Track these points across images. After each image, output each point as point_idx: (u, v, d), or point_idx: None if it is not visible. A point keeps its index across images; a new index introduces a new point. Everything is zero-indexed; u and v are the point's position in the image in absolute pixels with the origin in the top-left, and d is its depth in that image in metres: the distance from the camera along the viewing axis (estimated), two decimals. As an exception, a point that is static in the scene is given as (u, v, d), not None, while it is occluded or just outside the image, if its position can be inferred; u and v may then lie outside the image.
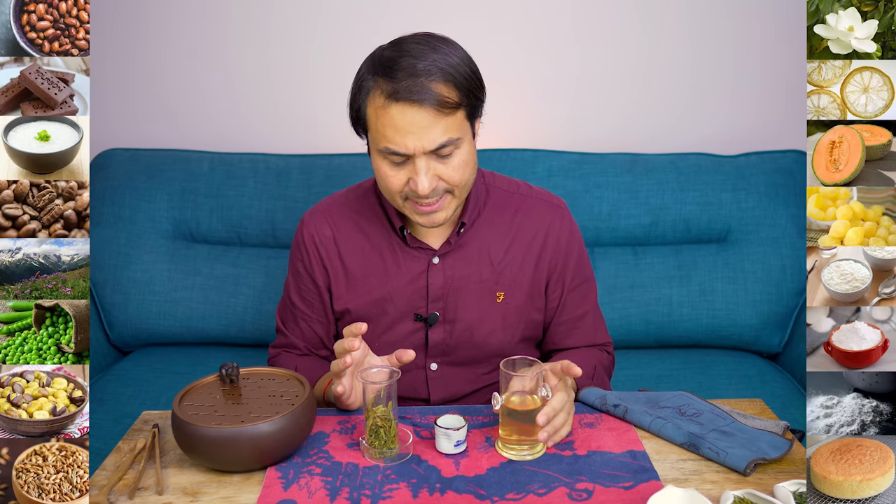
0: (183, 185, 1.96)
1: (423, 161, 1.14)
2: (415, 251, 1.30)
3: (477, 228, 1.31)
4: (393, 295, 1.30)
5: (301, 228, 1.34)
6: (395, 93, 1.10)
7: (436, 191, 1.17)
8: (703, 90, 2.08)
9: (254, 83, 2.09)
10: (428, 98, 1.10)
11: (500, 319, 1.32)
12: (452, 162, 1.15)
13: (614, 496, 0.99)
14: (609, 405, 1.18)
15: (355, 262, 1.32)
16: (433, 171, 1.15)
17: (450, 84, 1.12)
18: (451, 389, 1.35)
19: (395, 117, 1.11)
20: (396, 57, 1.12)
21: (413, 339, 1.32)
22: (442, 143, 1.12)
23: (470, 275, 1.30)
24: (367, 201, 1.33)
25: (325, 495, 1.00)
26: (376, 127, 1.14)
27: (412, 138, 1.11)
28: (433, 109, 1.10)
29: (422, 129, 1.11)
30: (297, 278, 1.36)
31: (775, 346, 1.92)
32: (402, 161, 1.15)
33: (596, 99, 2.09)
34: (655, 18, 2.04)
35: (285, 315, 1.39)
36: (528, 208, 1.33)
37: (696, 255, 1.92)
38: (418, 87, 1.10)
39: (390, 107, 1.11)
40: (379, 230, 1.31)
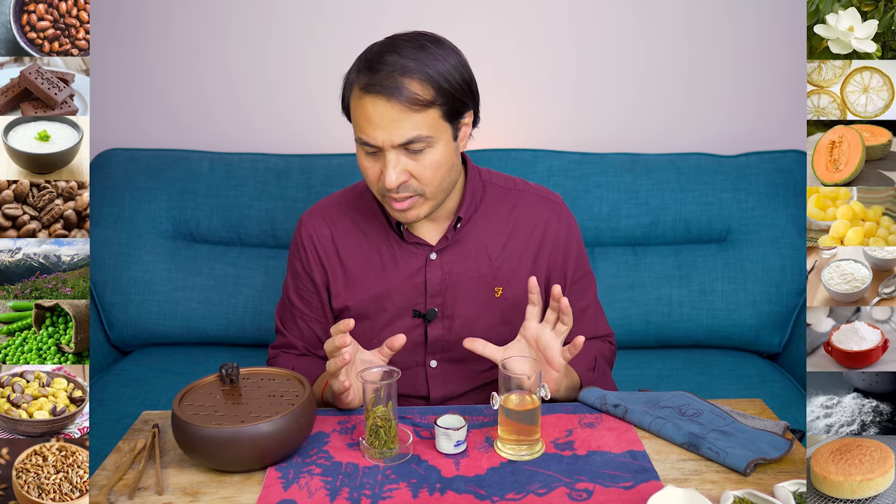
0: (183, 185, 1.96)
1: (393, 154, 1.16)
2: (412, 247, 1.30)
3: (474, 224, 1.32)
4: (391, 292, 1.30)
5: (299, 228, 1.35)
6: (370, 85, 1.14)
7: (406, 187, 1.18)
8: (703, 90, 2.08)
9: (254, 83, 2.09)
10: (398, 93, 1.13)
11: (499, 314, 1.32)
12: (424, 160, 1.17)
13: (614, 496, 0.99)
14: (609, 405, 1.18)
15: (353, 260, 1.32)
16: (402, 166, 1.17)
17: (426, 83, 1.14)
18: (452, 386, 1.35)
19: (367, 108, 1.14)
20: (382, 52, 1.15)
21: (412, 336, 1.32)
22: (410, 138, 1.14)
23: (468, 270, 1.31)
24: (364, 199, 1.34)
25: (325, 495, 1.00)
26: (354, 117, 1.18)
27: (381, 131, 1.14)
28: (402, 105, 1.13)
29: (391, 123, 1.14)
30: (295, 278, 1.36)
31: (775, 346, 1.92)
32: (375, 152, 1.17)
33: (596, 99, 2.09)
34: (655, 19, 2.04)
35: (284, 315, 1.39)
36: (525, 203, 1.34)
37: (696, 255, 1.92)
38: (391, 81, 1.13)
39: (364, 98, 1.15)
40: (376, 227, 1.32)
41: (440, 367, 1.34)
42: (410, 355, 1.33)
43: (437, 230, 1.31)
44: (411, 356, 1.33)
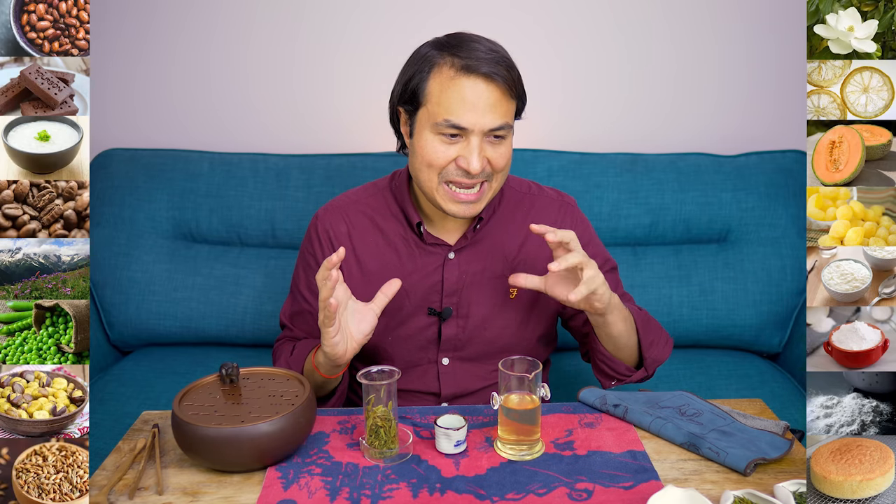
0: (183, 185, 1.95)
1: (478, 140, 1.17)
2: (430, 247, 1.32)
3: (492, 226, 1.33)
4: (408, 290, 1.31)
5: (315, 223, 1.36)
6: (468, 67, 1.14)
7: (483, 174, 1.19)
8: (702, 90, 2.08)
9: (254, 83, 2.09)
10: (501, 75, 1.14)
11: (514, 315, 1.33)
12: (500, 149, 1.19)
13: (614, 496, 0.99)
14: (609, 405, 1.18)
15: (371, 258, 1.33)
16: (484, 153, 1.18)
17: (512, 72, 1.17)
18: (462, 385, 1.35)
19: (466, 89, 1.14)
20: (464, 41, 1.17)
21: (426, 334, 1.33)
22: (501, 124, 1.16)
23: (484, 270, 1.32)
24: (382, 199, 1.35)
25: (325, 495, 1.00)
26: (439, 100, 1.16)
27: (476, 114, 1.14)
28: (504, 87, 1.15)
29: (487, 106, 1.15)
30: (307, 272, 1.36)
31: (775, 346, 1.92)
32: (456, 137, 1.17)
33: (596, 99, 2.09)
34: (656, 19, 2.04)
35: (293, 310, 1.38)
36: (540, 207, 1.37)
37: (696, 255, 1.92)
38: (492, 64, 1.14)
39: (461, 79, 1.15)
40: (394, 227, 1.33)
41: (452, 365, 1.35)
42: (423, 352, 1.34)
43: (456, 231, 1.32)
44: (424, 353, 1.34)
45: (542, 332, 1.37)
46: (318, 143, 2.10)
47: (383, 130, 2.12)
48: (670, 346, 1.34)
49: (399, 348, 1.32)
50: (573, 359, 1.90)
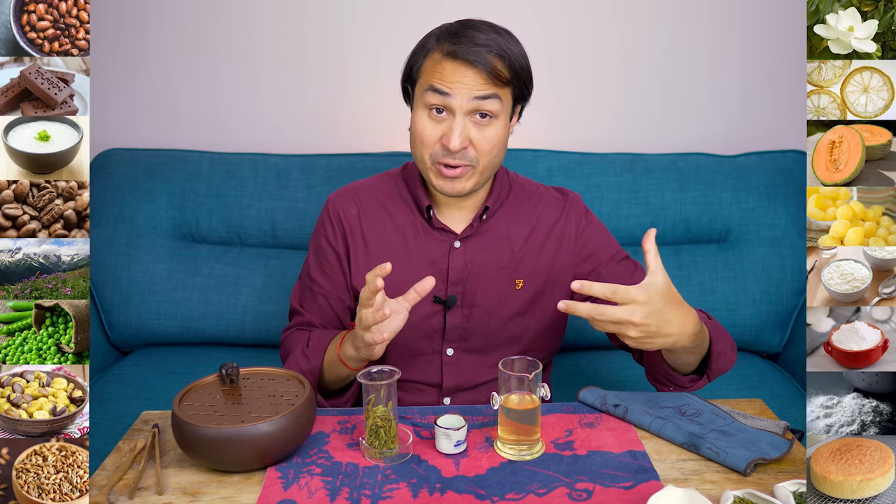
0: (183, 185, 1.96)
1: (461, 118, 1.20)
2: (437, 233, 1.33)
3: (499, 217, 1.35)
4: (414, 277, 1.30)
5: (327, 206, 1.38)
6: (453, 53, 1.19)
7: (464, 154, 1.22)
8: (702, 90, 2.08)
9: (254, 83, 2.09)
10: (482, 63, 1.18)
11: (518, 306, 1.34)
12: (486, 132, 1.22)
13: (614, 496, 0.99)
14: (609, 405, 1.18)
15: (378, 242, 1.34)
16: (466, 132, 1.21)
17: (503, 62, 1.20)
18: (465, 376, 1.35)
19: (448, 71, 1.19)
20: (462, 29, 1.22)
21: (431, 323, 1.33)
22: (484, 93, 1.19)
23: (490, 260, 1.33)
24: (394, 185, 1.38)
25: (325, 495, 1.00)
26: (427, 75, 1.22)
27: (459, 86, 1.19)
28: (485, 74, 1.18)
29: (469, 84, 1.19)
30: (318, 254, 1.38)
31: (775, 346, 1.92)
32: (442, 114, 1.21)
33: (596, 99, 2.09)
34: (655, 19, 2.04)
35: (303, 295, 1.40)
36: (546, 203, 1.39)
37: (696, 255, 1.92)
38: (475, 52, 1.18)
39: (445, 62, 1.20)
40: (404, 212, 1.35)
41: (456, 356, 1.35)
42: (427, 342, 1.34)
43: (463, 219, 1.34)
44: (428, 343, 1.34)
45: (548, 324, 1.37)
46: (318, 143, 2.10)
47: (384, 130, 2.13)
48: (735, 353, 1.28)
49: (403, 336, 1.31)
50: (573, 359, 1.90)
